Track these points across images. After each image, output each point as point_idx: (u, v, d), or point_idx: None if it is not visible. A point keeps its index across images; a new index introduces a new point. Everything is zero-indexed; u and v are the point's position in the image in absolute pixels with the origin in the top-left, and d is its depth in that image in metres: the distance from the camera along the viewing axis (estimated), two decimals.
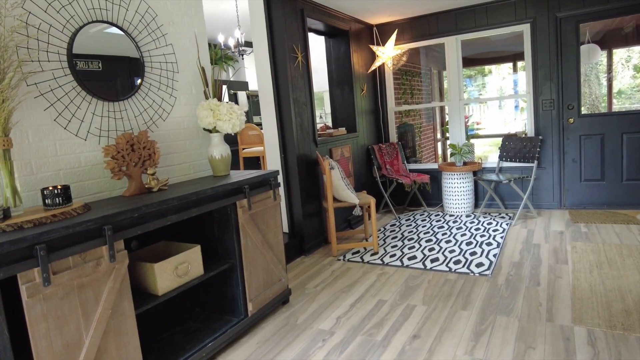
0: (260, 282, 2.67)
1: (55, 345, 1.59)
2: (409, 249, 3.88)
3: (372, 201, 3.89)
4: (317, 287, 3.23)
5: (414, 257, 3.65)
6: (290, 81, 3.84)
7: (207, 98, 2.77)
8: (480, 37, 5.14)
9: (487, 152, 9.51)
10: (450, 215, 4.93)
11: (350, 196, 3.85)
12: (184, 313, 2.72)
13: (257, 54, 3.87)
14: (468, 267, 3.32)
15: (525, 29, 4.72)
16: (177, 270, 2.19)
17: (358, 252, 3.92)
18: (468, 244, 3.88)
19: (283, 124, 3.91)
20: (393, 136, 5.72)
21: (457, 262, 3.46)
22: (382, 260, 3.66)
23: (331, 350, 2.33)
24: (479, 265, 3.35)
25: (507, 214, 4.79)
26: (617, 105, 6.81)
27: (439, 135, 8.38)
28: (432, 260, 3.54)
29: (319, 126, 5.09)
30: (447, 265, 3.42)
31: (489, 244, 3.81)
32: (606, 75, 6.12)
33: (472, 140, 8.99)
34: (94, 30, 2.30)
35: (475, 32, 4.97)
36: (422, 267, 3.42)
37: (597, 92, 6.31)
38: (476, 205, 5.15)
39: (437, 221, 4.74)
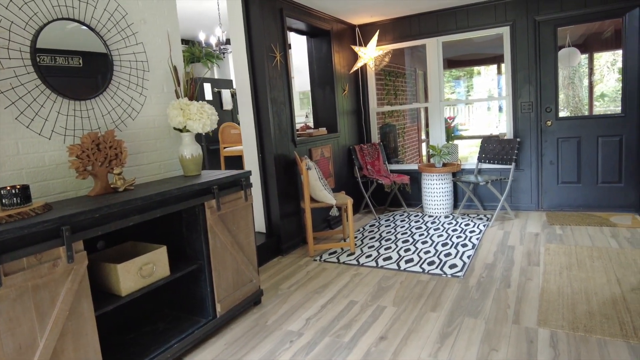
0: (229, 283, 2.66)
1: (6, 347, 1.57)
2: (385, 249, 3.90)
3: (350, 202, 3.89)
4: (291, 287, 3.23)
5: (390, 258, 3.66)
6: (268, 81, 3.83)
7: (178, 97, 2.75)
8: (464, 39, 5.18)
9: (473, 153, 9.58)
10: (430, 216, 4.96)
11: (327, 197, 3.85)
12: (153, 313, 2.70)
13: (235, 53, 3.85)
14: (441, 269, 3.34)
15: (505, 31, 4.76)
16: (141, 271, 2.17)
17: (335, 252, 3.93)
18: (444, 245, 3.91)
19: (261, 124, 3.90)
20: (375, 137, 5.73)
21: (431, 263, 3.48)
22: (357, 260, 3.67)
23: (297, 352, 2.33)
24: (453, 266, 3.37)
25: (485, 215, 4.83)
26: (602, 108, 6.89)
27: (423, 136, 8.42)
28: (407, 261, 3.55)
29: (299, 126, 5.07)
30: (421, 266, 3.44)
31: (464, 245, 3.84)
32: (588, 78, 6.20)
33: (456, 141, 9.05)
34: (71, 27, 2.27)
35: (456, 33, 5.00)
36: (397, 267, 3.44)
37: (580, 94, 6.39)
38: (455, 206, 5.19)
39: (415, 222, 4.77)
